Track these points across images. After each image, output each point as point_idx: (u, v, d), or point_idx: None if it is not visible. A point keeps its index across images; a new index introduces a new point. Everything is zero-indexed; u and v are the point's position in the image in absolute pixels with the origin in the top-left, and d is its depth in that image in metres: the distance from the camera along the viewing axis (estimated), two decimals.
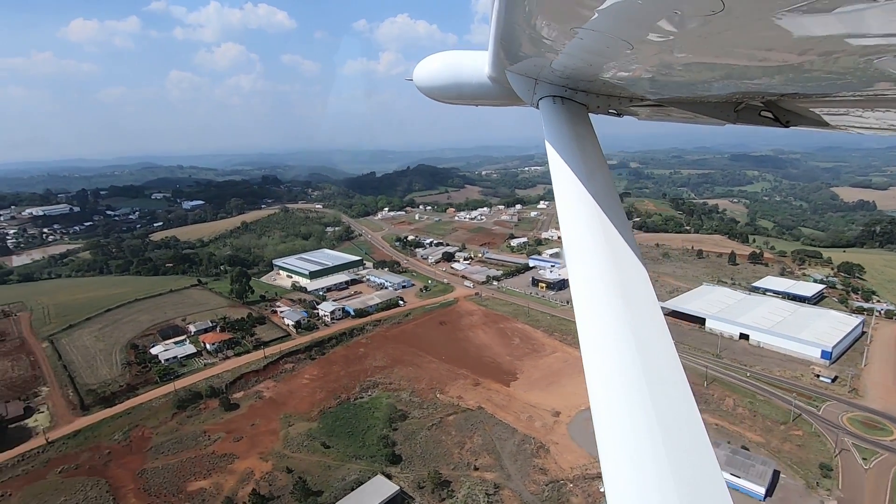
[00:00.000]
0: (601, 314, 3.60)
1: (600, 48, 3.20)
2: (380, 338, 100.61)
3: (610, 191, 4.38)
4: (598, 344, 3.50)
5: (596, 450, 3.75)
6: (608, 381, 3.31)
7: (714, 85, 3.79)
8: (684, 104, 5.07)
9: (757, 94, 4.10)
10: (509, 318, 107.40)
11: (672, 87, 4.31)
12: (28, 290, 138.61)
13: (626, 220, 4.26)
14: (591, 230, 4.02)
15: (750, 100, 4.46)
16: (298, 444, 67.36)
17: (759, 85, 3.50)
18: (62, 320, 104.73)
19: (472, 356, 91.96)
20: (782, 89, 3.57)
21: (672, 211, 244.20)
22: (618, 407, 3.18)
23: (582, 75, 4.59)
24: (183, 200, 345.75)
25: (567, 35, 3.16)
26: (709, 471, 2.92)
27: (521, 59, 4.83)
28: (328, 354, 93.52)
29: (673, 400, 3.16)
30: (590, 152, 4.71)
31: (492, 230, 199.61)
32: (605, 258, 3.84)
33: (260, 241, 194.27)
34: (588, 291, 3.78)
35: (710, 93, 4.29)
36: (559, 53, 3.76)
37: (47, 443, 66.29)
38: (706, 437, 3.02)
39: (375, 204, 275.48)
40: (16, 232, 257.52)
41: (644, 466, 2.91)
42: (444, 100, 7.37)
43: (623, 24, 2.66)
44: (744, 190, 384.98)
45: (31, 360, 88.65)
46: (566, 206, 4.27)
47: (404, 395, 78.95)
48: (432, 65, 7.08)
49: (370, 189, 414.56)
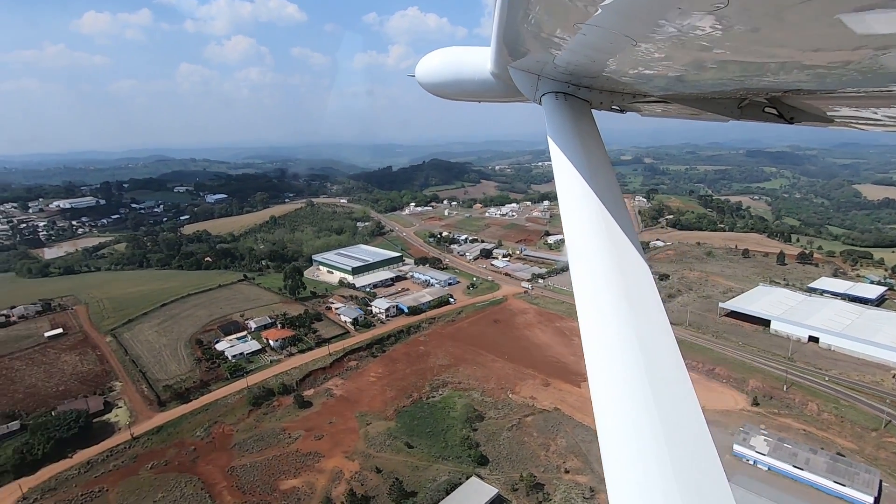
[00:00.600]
0: (604, 311, 3.60)
1: (603, 44, 3.17)
2: (437, 336, 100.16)
3: (613, 187, 4.37)
4: (600, 341, 3.49)
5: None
6: (611, 379, 3.30)
7: (718, 81, 3.77)
8: (688, 100, 5.09)
9: (761, 90, 4.11)
10: (564, 316, 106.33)
11: (675, 84, 4.24)
12: (73, 283, 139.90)
13: (629, 216, 4.25)
14: (594, 227, 4.03)
15: (754, 96, 4.45)
16: (381, 443, 67.13)
17: (763, 81, 3.50)
18: (120, 315, 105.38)
19: (535, 356, 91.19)
20: (787, 85, 3.57)
21: (700, 208, 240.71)
22: (620, 405, 3.16)
23: (585, 71, 4.59)
24: (206, 194, 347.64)
25: (570, 31, 3.12)
26: (711, 469, 2.90)
27: (523, 55, 4.80)
28: (389, 352, 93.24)
29: (676, 398, 3.15)
30: (593, 149, 4.69)
31: (525, 227, 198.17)
32: (608, 255, 3.86)
33: (294, 236, 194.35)
34: (591, 288, 3.79)
35: (713, 89, 4.27)
36: (562, 49, 3.72)
37: (132, 438, 66.69)
38: (708, 436, 3.02)
39: (400, 199, 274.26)
40: (45, 224, 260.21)
41: (646, 465, 2.90)
42: (447, 96, 7.35)
43: (626, 19, 2.67)
44: (762, 187, 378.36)
45: (97, 355, 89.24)
46: (569, 202, 4.27)
47: (476, 395, 78.46)
48: (434, 61, 7.05)
49: (386, 183, 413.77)
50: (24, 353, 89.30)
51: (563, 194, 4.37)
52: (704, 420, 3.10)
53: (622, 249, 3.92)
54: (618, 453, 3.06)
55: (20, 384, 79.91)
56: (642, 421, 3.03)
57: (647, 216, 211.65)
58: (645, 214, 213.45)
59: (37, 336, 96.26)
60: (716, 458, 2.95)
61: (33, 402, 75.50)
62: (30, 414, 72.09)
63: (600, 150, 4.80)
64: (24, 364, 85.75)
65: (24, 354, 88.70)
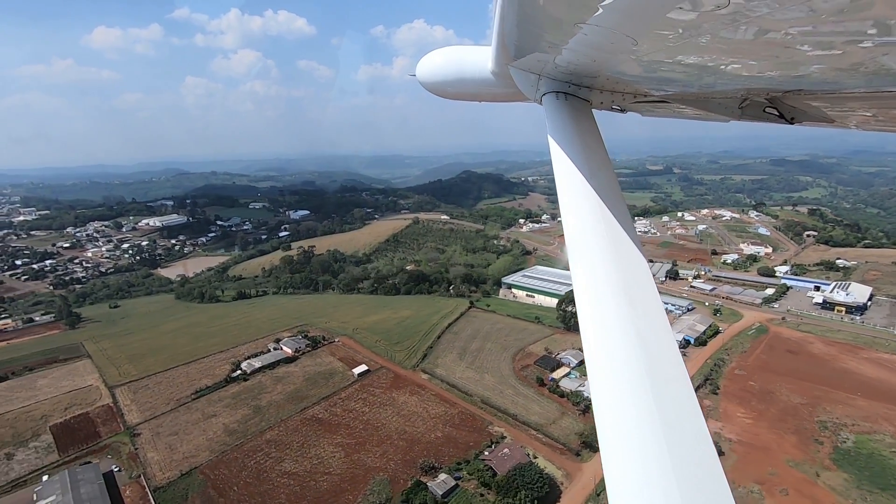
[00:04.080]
0: (604, 311, 3.61)
1: (604, 44, 3.21)
2: (750, 369, 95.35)
3: (613, 187, 4.35)
4: (600, 340, 3.51)
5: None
6: (610, 378, 3.32)
7: (719, 81, 3.80)
8: (688, 100, 5.07)
9: (761, 90, 4.13)
10: (862, 346, 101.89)
11: (676, 84, 4.28)
12: (276, 309, 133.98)
13: (629, 216, 4.26)
14: (595, 227, 4.02)
15: (754, 96, 4.43)
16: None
17: (764, 81, 3.52)
18: (399, 347, 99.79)
19: (886, 391, 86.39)
20: (788, 85, 3.60)
21: (810, 219, 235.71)
22: (620, 404, 3.20)
23: (586, 71, 4.57)
24: (285, 210, 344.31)
25: (571, 30, 3.15)
26: (710, 468, 2.94)
27: (524, 54, 4.76)
28: (722, 387, 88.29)
29: (675, 397, 3.18)
30: (593, 148, 4.65)
31: (678, 244, 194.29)
32: (609, 255, 3.85)
33: (444, 256, 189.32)
34: (591, 288, 3.78)
35: (714, 89, 4.29)
36: (563, 49, 3.71)
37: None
38: (708, 435, 3.06)
39: (512, 215, 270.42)
40: (148, 244, 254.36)
41: (646, 464, 2.93)
42: (447, 95, 7.37)
43: (627, 19, 2.69)
44: (803, 196, 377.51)
45: (436, 395, 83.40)
46: (569, 202, 4.25)
47: (887, 439, 73.53)
48: (435, 60, 7.04)
49: (443, 196, 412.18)
50: (359, 395, 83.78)
51: (564, 194, 4.32)
52: (704, 419, 3.10)
53: (622, 249, 3.90)
54: (618, 452, 3.06)
55: (393, 431, 74.11)
56: (642, 420, 3.03)
57: (790, 231, 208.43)
58: (787, 230, 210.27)
59: (342, 373, 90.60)
60: (715, 456, 2.96)
61: (426, 448, 69.88)
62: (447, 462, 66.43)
63: (601, 151, 4.73)
64: (371, 408, 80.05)
65: (363, 397, 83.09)
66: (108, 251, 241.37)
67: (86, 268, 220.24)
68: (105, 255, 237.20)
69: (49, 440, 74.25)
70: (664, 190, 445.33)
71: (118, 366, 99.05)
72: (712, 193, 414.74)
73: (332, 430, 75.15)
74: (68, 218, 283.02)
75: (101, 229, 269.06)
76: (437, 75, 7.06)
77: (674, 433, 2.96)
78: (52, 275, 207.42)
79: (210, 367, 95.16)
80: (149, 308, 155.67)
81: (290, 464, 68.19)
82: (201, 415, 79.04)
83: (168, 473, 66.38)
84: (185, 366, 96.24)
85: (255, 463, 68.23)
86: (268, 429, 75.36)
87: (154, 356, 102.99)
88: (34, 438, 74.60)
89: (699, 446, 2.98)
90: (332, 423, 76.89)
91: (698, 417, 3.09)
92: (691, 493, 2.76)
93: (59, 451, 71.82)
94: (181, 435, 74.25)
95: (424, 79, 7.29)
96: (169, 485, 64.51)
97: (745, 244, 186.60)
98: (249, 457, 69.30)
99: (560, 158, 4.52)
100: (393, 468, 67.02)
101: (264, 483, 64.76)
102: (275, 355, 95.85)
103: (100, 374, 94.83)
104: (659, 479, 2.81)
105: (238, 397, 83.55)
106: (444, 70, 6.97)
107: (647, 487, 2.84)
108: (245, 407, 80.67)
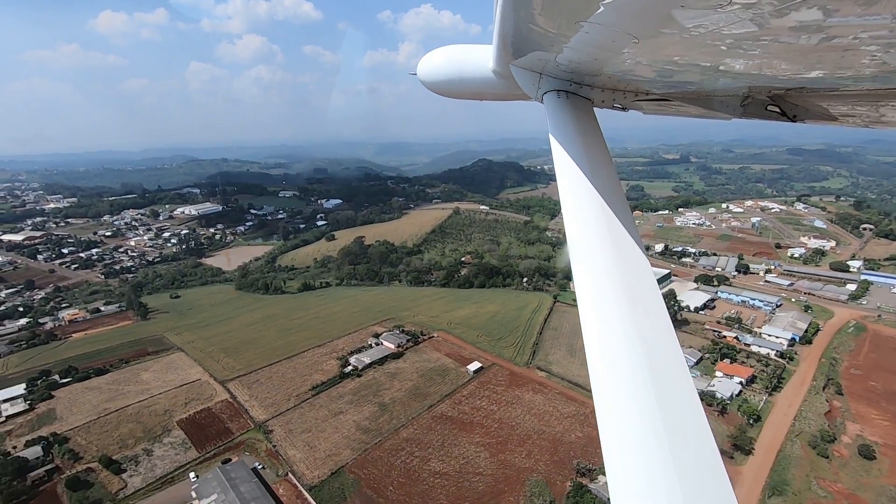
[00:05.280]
0: (606, 309, 3.58)
1: (606, 42, 3.21)
2: (865, 368, 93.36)
3: (614, 185, 4.33)
4: (602, 338, 3.49)
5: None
6: (612, 377, 3.30)
7: (721, 79, 3.78)
8: (690, 98, 5.04)
9: (763, 88, 4.08)
10: None
11: (678, 82, 4.25)
12: (349, 302, 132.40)
13: (630, 214, 4.22)
14: (596, 224, 4.01)
15: (756, 94, 4.39)
16: None
17: (766, 79, 3.52)
18: (503, 343, 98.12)
19: None
20: (789, 83, 3.59)
21: (852, 210, 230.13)
22: (622, 403, 3.17)
23: (587, 69, 4.55)
24: (316, 199, 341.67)
25: (572, 29, 3.17)
26: (713, 467, 2.93)
27: (525, 53, 4.71)
28: (846, 388, 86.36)
29: (678, 396, 3.16)
30: (594, 146, 4.62)
31: (737, 237, 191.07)
32: (610, 252, 3.83)
33: (501, 248, 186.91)
34: (592, 285, 3.75)
35: (716, 87, 4.26)
36: (564, 48, 3.72)
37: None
38: (710, 433, 3.03)
39: (552, 205, 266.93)
40: (188, 233, 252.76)
41: (649, 463, 2.91)
42: (448, 94, 7.36)
43: (628, 17, 2.69)
44: (825, 187, 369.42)
45: (565, 396, 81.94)
46: (570, 200, 4.23)
47: None
48: (436, 60, 7.00)
49: (466, 184, 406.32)
50: (481, 392, 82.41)
51: (566, 193, 4.28)
52: (706, 418, 3.09)
53: (624, 247, 3.88)
54: (620, 452, 3.03)
55: (531, 430, 72.70)
56: (644, 419, 3.01)
57: (847, 224, 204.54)
58: (842, 222, 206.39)
59: (455, 369, 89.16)
60: (717, 455, 2.96)
61: (570, 448, 68.49)
62: (598, 463, 64.98)
63: (602, 149, 4.69)
64: (499, 406, 78.63)
65: (486, 395, 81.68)
66: (150, 240, 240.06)
67: (131, 256, 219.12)
68: (148, 244, 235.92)
69: (181, 436, 73.26)
70: (683, 179, 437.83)
71: (217, 359, 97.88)
72: (733, 183, 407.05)
73: (467, 428, 73.81)
74: (102, 206, 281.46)
75: (139, 217, 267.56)
76: (438, 74, 6.99)
77: (676, 433, 2.93)
78: (99, 264, 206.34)
79: (314, 361, 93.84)
80: (211, 299, 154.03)
81: (437, 463, 66.97)
82: (327, 412, 77.80)
83: (316, 472, 65.29)
84: (289, 360, 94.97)
85: (401, 462, 67.04)
86: (401, 427, 74.08)
87: (248, 350, 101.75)
88: (166, 434, 73.62)
89: (702, 446, 2.95)
90: (463, 421, 75.55)
91: (701, 417, 3.05)
92: (693, 492, 2.73)
93: (195, 447, 70.83)
94: (315, 432, 73.06)
95: (425, 78, 7.22)
96: (322, 483, 63.43)
97: (807, 237, 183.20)
98: (394, 456, 68.10)
99: (561, 157, 4.45)
100: (544, 469, 65.74)
101: (418, 483, 63.61)
102: (380, 350, 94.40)
103: (203, 369, 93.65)
104: (662, 479, 2.78)
105: (358, 394, 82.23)
106: (445, 69, 6.89)
107: (649, 487, 2.80)
108: (369, 404, 79.36)
